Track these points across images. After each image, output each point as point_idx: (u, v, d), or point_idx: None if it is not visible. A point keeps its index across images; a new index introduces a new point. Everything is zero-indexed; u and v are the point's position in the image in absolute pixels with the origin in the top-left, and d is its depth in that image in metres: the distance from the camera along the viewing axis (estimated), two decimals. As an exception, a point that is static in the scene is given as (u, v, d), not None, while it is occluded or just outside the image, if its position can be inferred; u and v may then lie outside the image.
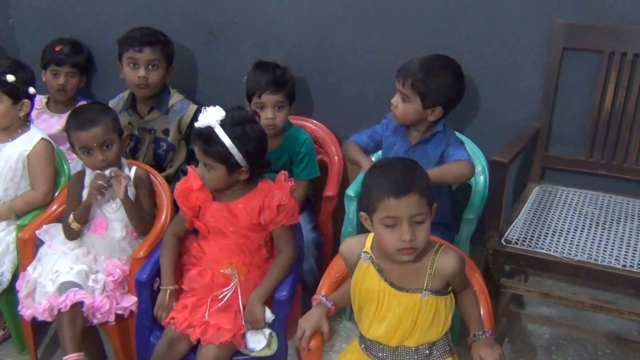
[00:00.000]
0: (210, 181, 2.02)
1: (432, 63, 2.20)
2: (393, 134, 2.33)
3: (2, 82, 2.33)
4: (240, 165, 1.97)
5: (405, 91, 2.16)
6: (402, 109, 2.20)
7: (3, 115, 2.37)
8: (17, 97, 2.37)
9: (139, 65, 2.60)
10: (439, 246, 1.73)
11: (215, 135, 1.93)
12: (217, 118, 1.94)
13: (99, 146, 2.19)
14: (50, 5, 3.03)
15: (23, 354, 2.53)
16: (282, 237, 2.09)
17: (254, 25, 2.72)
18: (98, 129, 2.18)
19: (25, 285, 2.24)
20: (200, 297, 2.05)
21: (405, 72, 2.17)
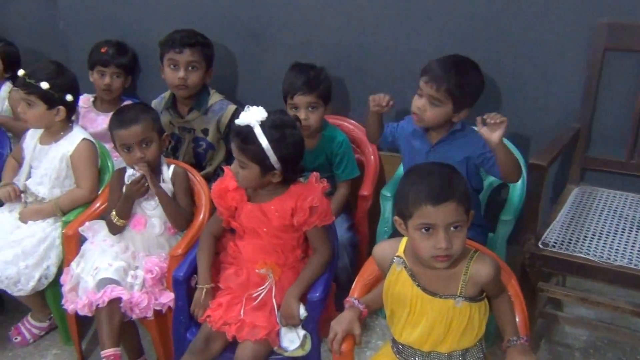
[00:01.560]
0: (243, 179, 1.97)
1: (462, 65, 2.11)
2: (412, 136, 2.26)
3: (37, 87, 2.32)
4: (274, 167, 1.91)
5: (439, 96, 2.07)
6: (432, 114, 2.11)
7: (37, 119, 2.38)
8: (51, 103, 2.35)
9: (179, 66, 2.57)
10: (474, 252, 1.63)
11: (254, 134, 1.88)
12: (258, 118, 1.89)
13: (138, 144, 2.17)
14: (97, 9, 3.02)
15: (68, 344, 2.53)
16: (317, 237, 2.03)
17: (293, 26, 2.67)
18: (138, 127, 2.16)
19: (69, 280, 2.23)
20: (235, 296, 2.01)
21: (438, 77, 2.06)
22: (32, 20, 3.30)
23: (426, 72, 2.10)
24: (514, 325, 1.69)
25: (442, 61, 2.12)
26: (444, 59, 2.14)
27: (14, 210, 2.48)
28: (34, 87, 2.31)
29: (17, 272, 2.28)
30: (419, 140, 2.23)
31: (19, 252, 2.30)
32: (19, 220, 2.42)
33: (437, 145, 2.18)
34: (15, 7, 3.32)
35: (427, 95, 2.09)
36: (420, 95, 2.12)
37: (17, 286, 2.29)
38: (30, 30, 3.32)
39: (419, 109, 2.12)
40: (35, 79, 2.31)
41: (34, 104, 2.34)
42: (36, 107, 2.34)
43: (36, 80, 2.31)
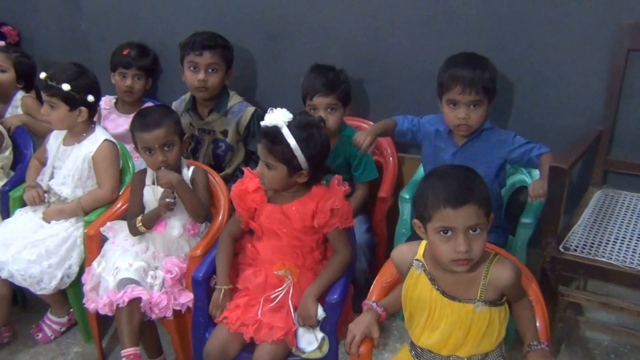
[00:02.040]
0: (269, 180, 1.95)
1: (478, 59, 2.09)
2: (436, 137, 2.23)
3: (58, 89, 2.33)
4: (302, 167, 1.90)
5: (479, 97, 2.05)
6: (476, 117, 2.08)
7: (60, 120, 2.39)
8: (73, 104, 2.37)
9: (199, 68, 2.56)
10: (494, 256, 1.59)
11: (281, 135, 1.87)
12: (285, 119, 1.88)
13: (160, 147, 2.17)
14: (119, 12, 3.03)
15: (89, 342, 2.54)
16: (338, 239, 2.01)
17: (313, 29, 2.65)
18: (160, 130, 2.16)
19: (90, 279, 2.24)
20: (252, 297, 1.99)
21: (471, 81, 2.03)
22: (56, 23, 3.33)
23: (454, 83, 2.05)
24: (535, 330, 1.66)
25: (460, 65, 2.08)
26: (458, 62, 2.10)
27: (38, 210, 2.50)
28: (55, 89, 2.33)
29: (40, 271, 2.30)
30: (443, 142, 2.20)
31: (42, 252, 2.32)
32: (42, 220, 2.44)
33: (464, 146, 2.16)
34: (39, 10, 3.35)
35: (467, 102, 2.06)
36: (455, 106, 2.09)
37: (40, 285, 2.31)
38: (54, 33, 3.35)
39: (464, 119, 2.08)
40: (56, 81, 2.33)
41: (57, 106, 2.35)
42: (59, 108, 2.36)
43: (57, 82, 2.33)
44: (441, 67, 2.14)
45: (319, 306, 1.92)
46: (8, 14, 3.44)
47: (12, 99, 2.97)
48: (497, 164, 2.15)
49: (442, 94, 2.12)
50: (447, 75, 2.09)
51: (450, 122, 2.12)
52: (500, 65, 2.19)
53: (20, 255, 2.30)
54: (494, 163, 2.14)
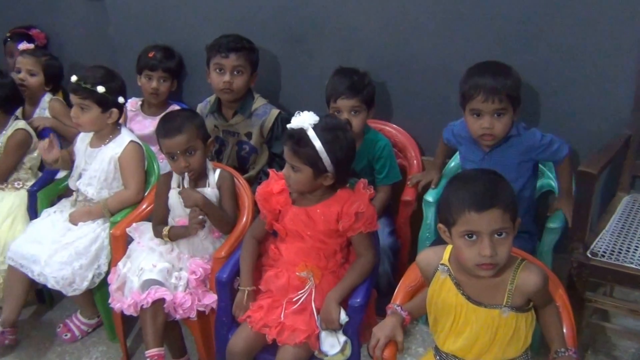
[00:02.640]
0: (295, 183, 1.95)
1: (500, 67, 2.07)
2: (465, 141, 2.21)
3: (93, 92, 2.35)
4: (327, 170, 1.90)
5: (503, 105, 2.02)
6: (501, 126, 2.05)
7: (92, 122, 2.41)
8: (106, 106, 2.39)
9: (225, 70, 2.57)
10: (520, 261, 1.57)
11: (307, 137, 1.87)
12: (311, 121, 1.88)
13: (182, 153, 2.18)
14: (145, 14, 3.04)
15: (114, 341, 2.56)
16: (361, 243, 2.00)
17: (337, 31, 2.64)
18: (181, 137, 2.17)
19: (116, 279, 2.26)
20: (275, 299, 1.99)
21: (493, 89, 2.00)
22: (83, 26, 3.36)
23: (476, 92, 2.02)
24: (562, 336, 1.64)
25: (482, 73, 2.05)
26: (480, 71, 2.07)
27: (65, 211, 2.53)
28: (89, 92, 2.35)
29: (71, 272, 2.32)
30: (470, 149, 2.19)
31: (72, 253, 2.34)
32: (69, 222, 2.47)
33: (491, 153, 2.13)
34: (66, 13, 3.39)
35: (490, 111, 2.03)
36: (479, 116, 2.06)
37: (72, 286, 2.33)
38: (81, 36, 3.38)
39: (488, 129, 2.05)
40: (90, 83, 2.35)
41: (89, 108, 2.37)
42: (91, 111, 2.38)
43: (92, 84, 2.35)
44: (462, 77, 2.12)
45: (342, 310, 1.91)
46: (36, 17, 3.48)
47: (39, 101, 3.00)
48: (528, 167, 2.13)
49: (465, 104, 2.09)
50: (469, 85, 2.06)
51: (475, 132, 2.10)
52: (524, 70, 2.16)
53: (52, 259, 2.32)
54: (523, 167, 2.12)
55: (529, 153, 2.11)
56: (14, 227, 2.60)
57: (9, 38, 3.37)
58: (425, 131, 2.61)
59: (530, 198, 2.22)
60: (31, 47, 3.09)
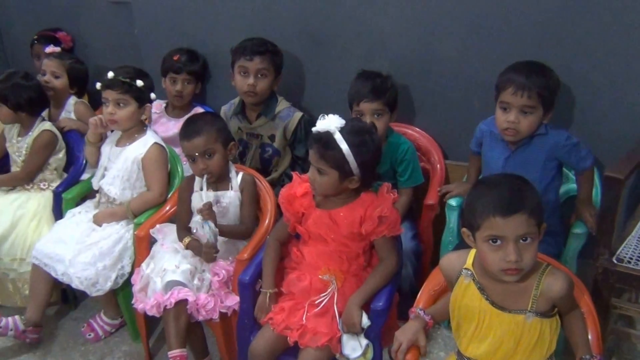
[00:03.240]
0: (320, 186, 1.95)
1: (538, 67, 2.07)
2: (490, 139, 2.21)
3: (133, 86, 2.39)
4: (353, 173, 1.90)
5: (531, 102, 2.02)
6: (527, 123, 2.05)
7: (129, 118, 2.44)
8: (142, 101, 2.44)
9: (249, 73, 2.58)
10: (546, 266, 1.56)
11: (334, 140, 1.87)
12: (337, 124, 1.88)
13: (200, 155, 2.20)
14: (170, 18, 3.07)
15: (136, 342, 2.59)
16: (384, 247, 1.99)
17: (360, 34, 2.64)
18: (199, 139, 2.19)
19: (139, 280, 2.28)
20: (298, 302, 2.00)
21: (524, 85, 2.01)
22: (108, 29, 3.40)
23: (507, 85, 2.04)
24: (587, 342, 1.62)
25: (518, 69, 2.07)
26: (517, 67, 2.09)
27: (89, 212, 2.56)
28: (128, 86, 2.39)
29: (95, 273, 2.34)
30: (496, 145, 2.18)
31: (96, 254, 2.37)
32: (94, 223, 2.50)
33: (517, 151, 2.13)
34: (92, 16, 3.43)
35: (518, 106, 2.04)
36: (505, 109, 2.07)
37: (95, 287, 2.36)
38: (106, 38, 3.42)
39: (512, 123, 2.06)
40: (129, 77, 2.39)
41: (127, 103, 2.41)
42: (128, 106, 2.42)
43: (130, 78, 2.39)
44: (501, 72, 2.13)
45: (364, 314, 1.91)
46: (63, 20, 3.53)
47: (65, 104, 3.04)
48: (552, 167, 2.12)
49: (497, 98, 2.11)
50: (503, 78, 2.08)
51: (500, 125, 2.10)
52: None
53: (76, 259, 2.36)
54: (548, 167, 2.11)
55: (553, 152, 2.10)
56: (39, 227, 2.64)
57: (36, 40, 3.41)
58: (448, 134, 2.61)
59: (555, 201, 2.21)
60: (57, 51, 3.13)
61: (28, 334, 2.48)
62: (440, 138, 2.63)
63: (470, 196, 1.58)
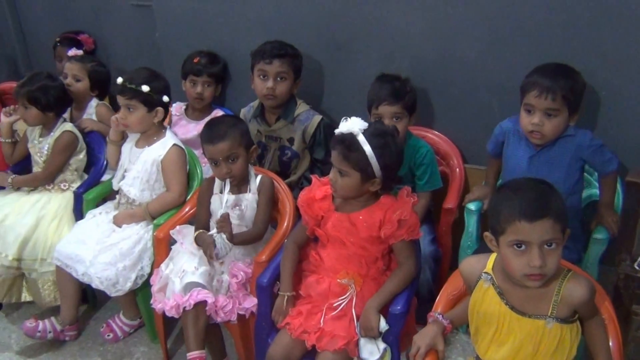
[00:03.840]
0: (342, 187, 1.95)
1: (564, 69, 2.06)
2: (514, 136, 2.20)
3: (138, 92, 2.42)
4: (375, 175, 1.90)
5: (556, 105, 2.01)
6: (552, 126, 2.04)
7: (139, 122, 2.47)
8: (151, 105, 2.45)
9: (268, 76, 2.59)
10: (567, 271, 1.55)
11: (357, 142, 1.88)
12: (360, 126, 1.89)
13: (224, 159, 2.22)
14: (191, 21, 3.10)
15: (154, 342, 2.61)
16: (403, 251, 1.99)
17: (379, 38, 2.64)
18: (224, 144, 2.21)
19: (158, 280, 2.30)
20: (315, 305, 2.00)
21: (549, 87, 2.00)
22: (130, 32, 3.44)
23: (532, 87, 2.04)
24: (607, 349, 1.62)
25: (543, 71, 2.06)
26: (542, 69, 2.08)
27: (110, 213, 2.59)
28: (135, 92, 2.42)
29: (115, 273, 2.37)
30: (520, 143, 2.18)
31: (116, 254, 2.40)
32: (113, 224, 2.52)
33: (542, 150, 2.12)
34: (114, 19, 3.48)
35: (543, 108, 2.03)
36: (530, 112, 2.07)
37: (115, 287, 2.38)
38: (128, 41, 3.46)
39: (537, 125, 2.05)
40: (135, 83, 2.42)
41: (135, 108, 2.44)
42: (137, 110, 2.44)
43: (136, 84, 2.41)
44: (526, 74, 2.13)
45: (382, 318, 1.91)
46: (86, 22, 3.57)
47: (86, 106, 3.08)
48: (576, 168, 2.11)
49: (522, 100, 2.10)
50: (528, 80, 2.08)
51: (524, 127, 2.10)
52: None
53: (97, 260, 2.39)
54: (573, 168, 2.10)
55: (578, 152, 2.09)
56: (60, 228, 2.66)
57: (59, 43, 3.46)
58: (468, 139, 2.60)
59: (577, 204, 2.20)
60: (79, 54, 3.16)
61: (66, 332, 2.57)
62: (460, 142, 2.62)
63: (495, 200, 1.57)
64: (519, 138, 2.19)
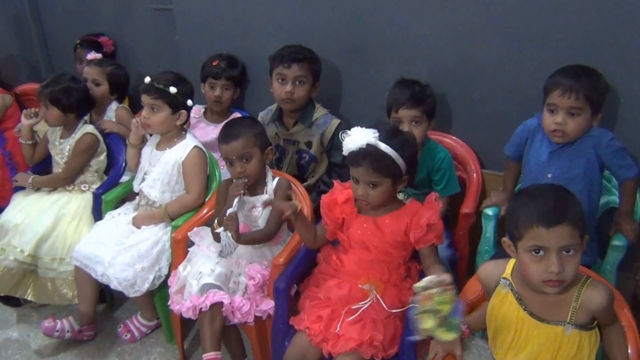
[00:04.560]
0: (376, 198, 1.98)
1: (587, 69, 2.05)
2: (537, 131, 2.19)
3: (166, 92, 2.45)
4: (403, 173, 1.95)
5: (579, 104, 2.01)
6: (574, 125, 2.04)
7: (162, 123, 2.49)
8: (176, 107, 2.48)
9: (287, 80, 2.61)
10: (586, 278, 1.56)
11: (381, 151, 1.90)
12: (374, 135, 1.91)
13: (238, 159, 2.24)
14: (210, 25, 3.13)
15: (171, 343, 2.63)
16: (431, 256, 1.99)
17: (397, 43, 2.65)
18: (237, 143, 2.23)
19: (176, 282, 2.32)
20: (334, 309, 2.00)
21: (572, 86, 2.00)
22: (150, 34, 3.48)
23: (555, 86, 2.04)
24: (626, 357, 1.62)
25: (566, 72, 2.06)
26: (565, 70, 2.08)
27: (128, 214, 2.62)
28: (162, 92, 2.45)
29: (133, 274, 2.40)
30: (542, 138, 2.17)
31: (135, 255, 2.42)
32: (132, 225, 2.55)
33: (562, 147, 2.11)
34: (135, 22, 3.51)
35: (565, 107, 2.03)
36: (553, 111, 2.07)
37: (133, 288, 2.41)
38: (148, 44, 3.50)
39: (560, 124, 2.05)
40: (163, 84, 2.45)
41: (160, 109, 2.47)
42: (162, 111, 2.47)
43: (164, 85, 2.44)
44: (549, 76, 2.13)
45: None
46: (106, 25, 3.62)
47: (106, 110, 3.11)
48: (596, 167, 2.10)
49: (544, 100, 2.10)
50: (551, 81, 2.08)
51: (547, 127, 2.10)
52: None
53: (115, 260, 2.42)
54: (592, 167, 2.09)
55: (597, 149, 2.07)
56: (79, 228, 2.70)
57: (79, 45, 3.50)
58: (485, 144, 2.59)
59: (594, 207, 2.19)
60: (98, 57, 3.20)
61: (84, 332, 2.60)
62: (477, 147, 2.62)
63: (513, 205, 1.58)
64: (542, 135, 2.18)
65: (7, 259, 2.61)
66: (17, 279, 2.66)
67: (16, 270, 2.63)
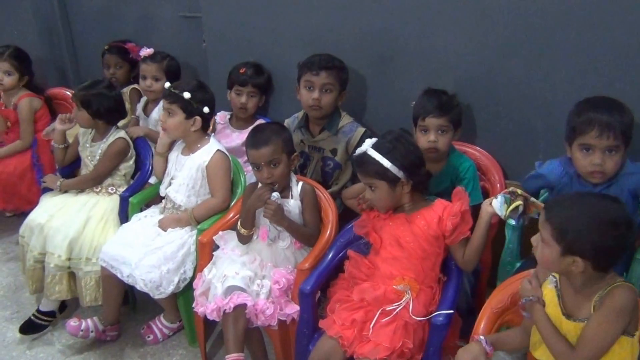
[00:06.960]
0: (378, 201, 2.08)
1: (615, 103, 1.98)
2: (566, 183, 2.11)
3: (180, 97, 2.50)
4: (399, 177, 2.01)
5: (617, 142, 1.93)
6: (612, 163, 1.95)
7: (176, 127, 2.54)
8: (190, 113, 2.52)
9: (314, 87, 2.63)
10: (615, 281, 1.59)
11: (369, 157, 2.03)
12: (369, 144, 2.06)
13: (266, 164, 2.26)
14: (237, 33, 3.16)
15: (193, 345, 2.65)
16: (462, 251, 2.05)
17: (424, 53, 2.66)
18: (267, 149, 2.25)
19: (201, 284, 2.34)
20: (369, 310, 2.02)
21: (608, 125, 1.91)
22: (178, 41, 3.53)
23: (590, 126, 1.93)
24: None
25: (596, 108, 1.97)
26: (594, 105, 1.99)
27: (154, 216, 2.65)
28: (176, 97, 2.50)
29: (159, 276, 2.42)
30: (573, 185, 2.09)
31: (161, 257, 2.45)
32: (159, 228, 2.58)
33: (598, 187, 2.03)
34: (163, 29, 3.57)
35: (603, 147, 1.94)
36: (589, 152, 1.96)
37: (158, 290, 2.43)
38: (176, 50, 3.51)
39: (599, 165, 1.95)
40: (179, 90, 2.50)
41: (174, 113, 2.51)
42: (176, 115, 2.51)
43: (180, 91, 2.49)
44: (572, 111, 2.04)
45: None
46: (135, 32, 3.68)
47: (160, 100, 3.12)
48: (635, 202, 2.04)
49: (573, 139, 2.01)
50: (582, 119, 1.97)
51: (583, 168, 2.00)
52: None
53: (142, 262, 2.44)
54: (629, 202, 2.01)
55: (636, 182, 2.01)
56: (105, 230, 2.73)
57: (107, 51, 3.55)
58: (509, 155, 2.59)
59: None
60: (151, 52, 3.24)
61: (108, 332, 2.64)
62: (501, 157, 2.61)
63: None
64: (570, 180, 2.09)
65: (49, 266, 2.65)
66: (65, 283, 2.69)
67: (58, 275, 2.67)
